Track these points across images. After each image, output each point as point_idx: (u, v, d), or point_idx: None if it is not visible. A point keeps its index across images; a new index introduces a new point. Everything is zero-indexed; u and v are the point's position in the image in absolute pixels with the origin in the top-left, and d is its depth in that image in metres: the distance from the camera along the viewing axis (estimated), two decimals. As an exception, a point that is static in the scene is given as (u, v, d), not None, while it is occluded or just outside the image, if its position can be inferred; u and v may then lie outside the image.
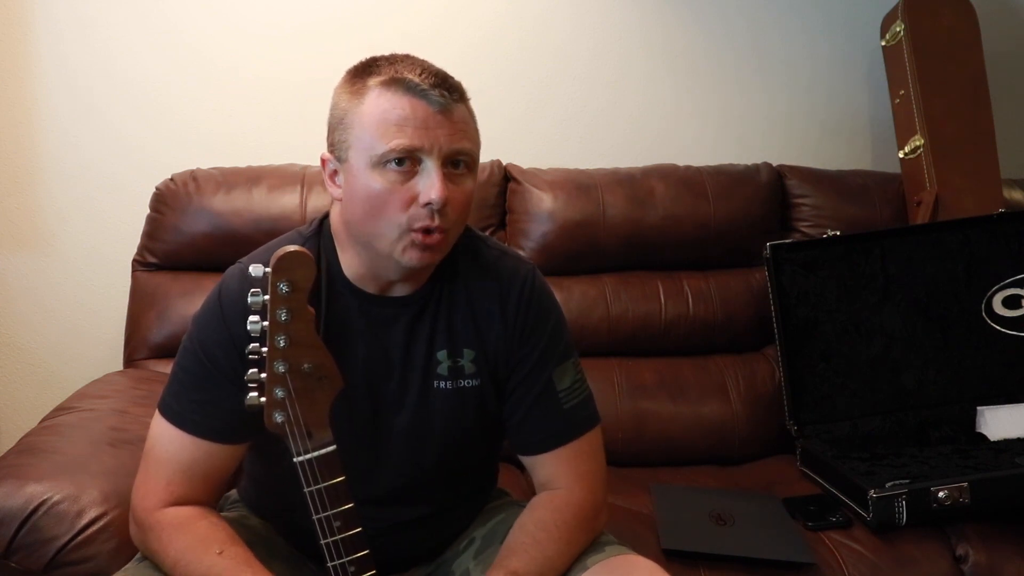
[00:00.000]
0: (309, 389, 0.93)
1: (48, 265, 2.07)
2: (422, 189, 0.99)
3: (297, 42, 2.10)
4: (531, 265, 1.18)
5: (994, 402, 1.82)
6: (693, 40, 2.27)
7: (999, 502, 1.54)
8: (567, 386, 1.14)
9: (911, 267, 1.86)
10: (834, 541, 1.51)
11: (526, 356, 1.12)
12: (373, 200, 1.00)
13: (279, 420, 0.93)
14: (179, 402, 1.07)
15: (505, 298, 1.12)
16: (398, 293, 1.10)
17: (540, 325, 1.13)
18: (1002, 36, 2.32)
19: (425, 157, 0.99)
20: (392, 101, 0.99)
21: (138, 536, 1.08)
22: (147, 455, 1.09)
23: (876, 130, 2.35)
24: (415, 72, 1.00)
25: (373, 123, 0.99)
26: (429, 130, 0.98)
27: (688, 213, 2.00)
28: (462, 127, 1.01)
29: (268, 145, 2.06)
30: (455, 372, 1.11)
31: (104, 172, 2.06)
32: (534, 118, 2.21)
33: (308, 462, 0.94)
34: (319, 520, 0.95)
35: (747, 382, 1.94)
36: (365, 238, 1.04)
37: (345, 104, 1.03)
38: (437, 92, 0.99)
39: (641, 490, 1.66)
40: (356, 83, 1.02)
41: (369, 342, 1.10)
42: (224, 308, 1.06)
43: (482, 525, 1.21)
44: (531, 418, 1.13)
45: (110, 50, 2.04)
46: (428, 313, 1.11)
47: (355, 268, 1.09)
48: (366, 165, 1.00)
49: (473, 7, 2.15)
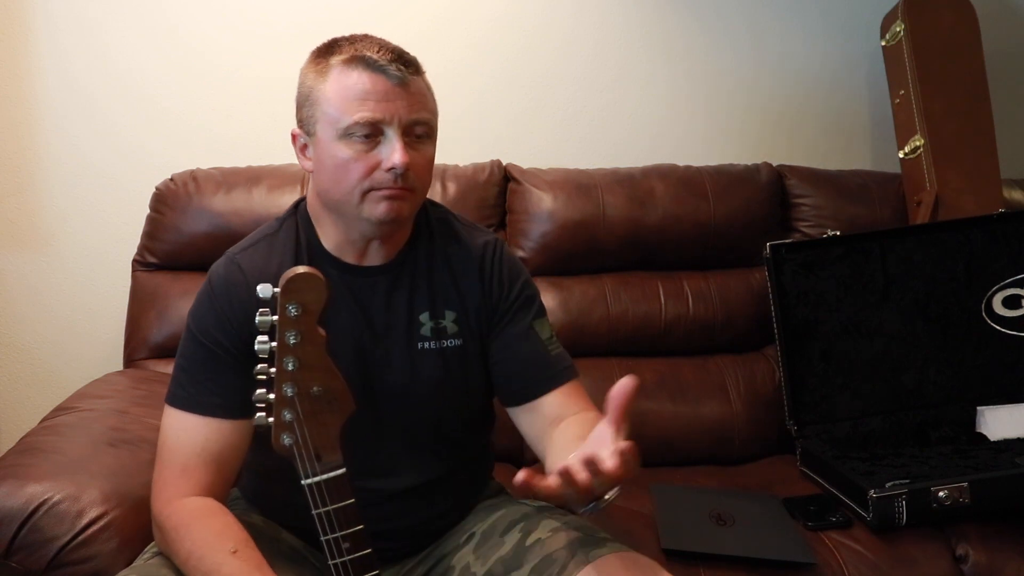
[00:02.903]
0: (318, 412, 0.92)
1: (48, 265, 2.07)
2: (385, 156, 1.07)
3: (297, 42, 2.06)
4: (499, 238, 1.27)
5: (994, 402, 1.82)
6: (693, 40, 2.27)
7: (999, 502, 1.54)
8: (548, 336, 1.22)
9: (911, 267, 1.86)
10: (834, 541, 1.50)
11: (507, 309, 1.20)
12: (340, 168, 1.08)
13: (287, 443, 0.92)
14: (185, 388, 1.11)
15: (481, 260, 1.21)
16: (376, 261, 1.17)
17: (515, 281, 1.22)
18: (1002, 36, 2.33)
19: (386, 127, 1.07)
20: (354, 77, 1.07)
21: (157, 535, 1.10)
22: (160, 450, 1.12)
23: (876, 130, 2.35)
24: (373, 50, 1.08)
25: (337, 98, 1.07)
26: (389, 102, 1.06)
27: (688, 213, 2.00)
28: (419, 98, 1.09)
29: (268, 145, 2.05)
30: (438, 333, 1.17)
31: (104, 172, 2.06)
32: (534, 118, 2.21)
33: (317, 485, 0.93)
34: (327, 541, 0.94)
35: (747, 382, 1.94)
36: (335, 204, 1.11)
37: (311, 82, 1.11)
38: (394, 67, 1.07)
39: (641, 490, 1.65)
40: (320, 62, 1.11)
41: (352, 310, 1.15)
42: (214, 289, 1.13)
43: (482, 520, 1.22)
44: (521, 366, 1.19)
45: (110, 50, 2.04)
46: (406, 277, 1.18)
47: (333, 238, 1.16)
48: (333, 137, 1.08)
49: (473, 7, 2.15)
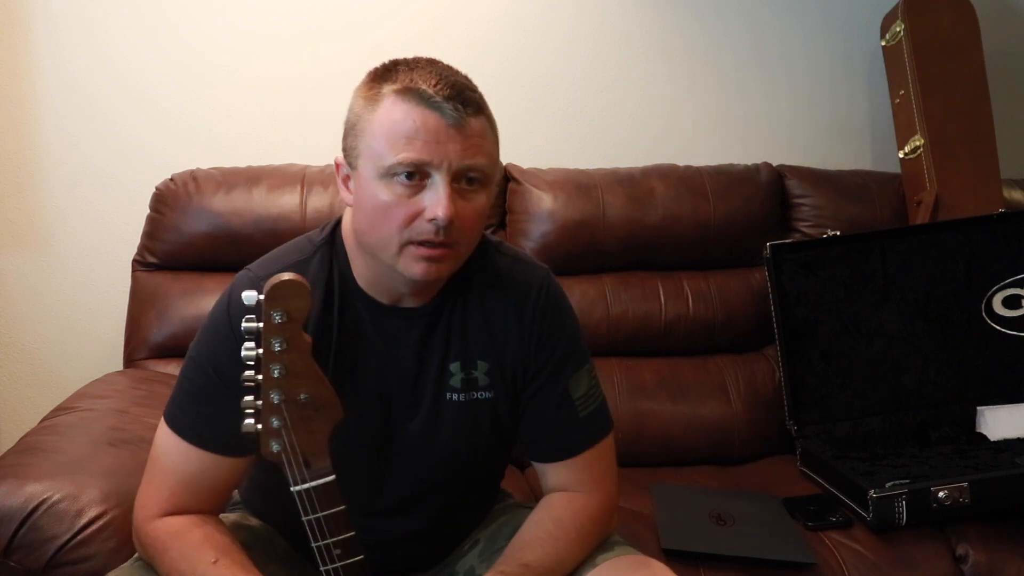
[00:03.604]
0: (306, 419, 0.90)
1: (48, 265, 2.07)
2: (428, 204, 0.96)
3: (297, 42, 2.10)
4: (545, 270, 1.16)
5: (994, 402, 1.82)
6: (693, 40, 2.27)
7: (999, 502, 1.54)
8: (583, 393, 1.12)
9: (911, 267, 1.86)
10: (834, 541, 1.50)
11: (543, 366, 1.11)
12: (379, 211, 0.97)
13: (275, 449, 0.91)
14: (184, 413, 1.05)
15: (520, 308, 1.10)
16: (410, 304, 1.08)
17: (556, 333, 1.11)
18: (1002, 36, 2.32)
19: (434, 172, 0.96)
20: (404, 112, 0.95)
21: (138, 547, 1.07)
22: (151, 464, 1.07)
23: (876, 130, 2.35)
24: (431, 82, 0.96)
25: (383, 133, 0.96)
26: (440, 144, 0.95)
27: (688, 213, 2.00)
28: (476, 142, 0.97)
29: (268, 145, 2.06)
30: (468, 384, 1.10)
31: (104, 172, 2.05)
32: (534, 118, 2.21)
33: (306, 492, 0.92)
34: (318, 548, 0.93)
35: (747, 382, 1.94)
36: (370, 248, 1.02)
37: (359, 109, 1.00)
38: (451, 105, 0.95)
39: (641, 490, 1.65)
40: (373, 88, 0.99)
41: (381, 352, 1.08)
42: (232, 318, 1.01)
43: (486, 527, 1.21)
44: (548, 428, 1.13)
45: (110, 50, 2.04)
46: (441, 325, 1.09)
47: (366, 277, 1.07)
48: (374, 175, 0.97)
49: (473, 7, 2.15)
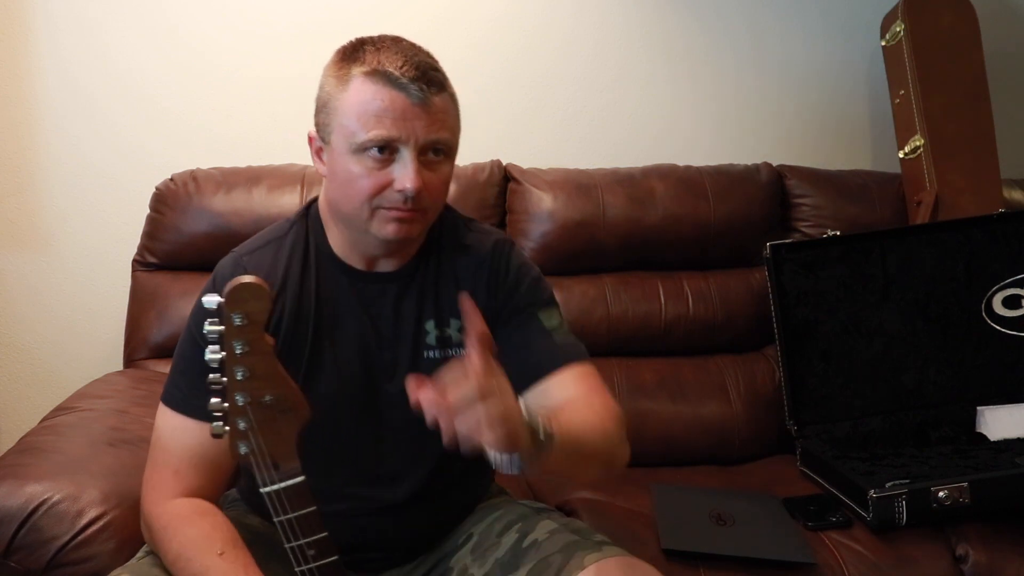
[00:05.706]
0: (272, 420, 0.91)
1: (48, 265, 2.07)
2: (397, 176, 1.04)
3: (297, 42, 2.09)
4: (510, 239, 1.24)
5: (994, 402, 1.82)
6: (693, 40, 2.27)
7: (999, 502, 1.54)
8: (555, 325, 1.16)
9: (911, 267, 1.86)
10: (834, 541, 1.50)
11: (512, 309, 1.16)
12: (351, 182, 1.06)
13: (243, 451, 0.91)
14: (181, 389, 1.10)
15: (487, 263, 1.17)
16: (385, 268, 1.15)
17: (521, 279, 1.18)
18: (1002, 36, 2.32)
19: (402, 146, 1.04)
20: (372, 92, 1.03)
21: (146, 533, 1.09)
22: (153, 448, 1.11)
23: (876, 130, 2.35)
24: (396, 63, 1.04)
25: (354, 112, 1.04)
26: (407, 121, 1.03)
27: (688, 213, 2.00)
28: (440, 117, 1.05)
29: (268, 145, 2.05)
30: (443, 341, 1.15)
31: (104, 172, 2.05)
32: (534, 118, 2.21)
33: (276, 493, 0.92)
34: (291, 548, 0.93)
35: (747, 382, 1.94)
36: (344, 215, 1.10)
37: (330, 88, 1.08)
38: (416, 86, 1.03)
39: (641, 490, 1.65)
40: (343, 68, 1.07)
41: (359, 316, 1.14)
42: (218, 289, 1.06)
43: (480, 521, 1.21)
44: (527, 348, 1.14)
45: (110, 50, 2.04)
46: (415, 286, 1.16)
47: (342, 244, 1.15)
48: (347, 150, 1.05)
49: (473, 7, 2.15)
